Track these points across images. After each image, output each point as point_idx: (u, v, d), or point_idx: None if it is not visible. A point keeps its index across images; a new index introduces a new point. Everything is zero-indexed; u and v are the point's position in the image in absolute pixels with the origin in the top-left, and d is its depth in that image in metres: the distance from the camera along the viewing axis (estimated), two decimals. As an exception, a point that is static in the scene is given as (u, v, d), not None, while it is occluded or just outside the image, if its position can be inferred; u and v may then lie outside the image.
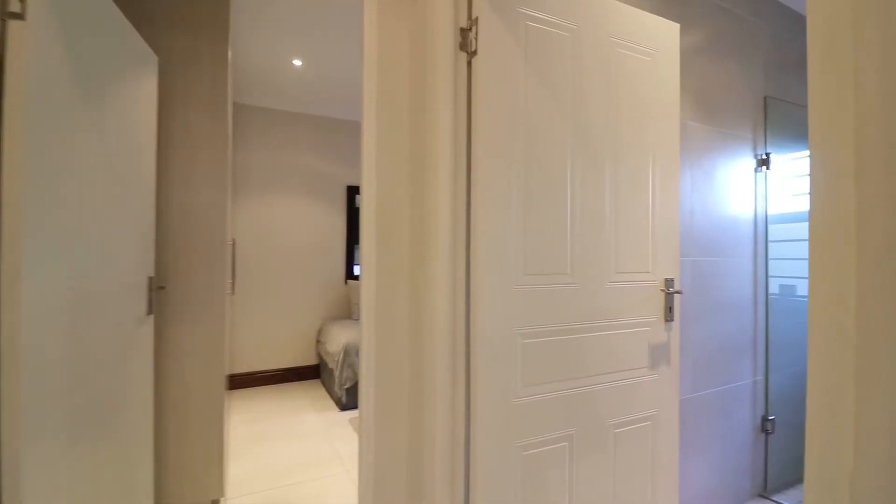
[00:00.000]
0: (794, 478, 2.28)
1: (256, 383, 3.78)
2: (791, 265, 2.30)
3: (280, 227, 3.95)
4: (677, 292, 1.42)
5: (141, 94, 1.47)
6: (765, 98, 2.18)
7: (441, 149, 1.16)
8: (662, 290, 1.44)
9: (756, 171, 2.16)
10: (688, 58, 1.88)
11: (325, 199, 4.14)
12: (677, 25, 1.49)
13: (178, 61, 1.88)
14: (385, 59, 1.25)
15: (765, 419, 2.17)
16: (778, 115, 2.22)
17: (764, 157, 2.17)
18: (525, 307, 1.19)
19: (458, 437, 1.15)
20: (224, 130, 1.94)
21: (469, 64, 1.18)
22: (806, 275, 2.39)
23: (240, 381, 3.73)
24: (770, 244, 2.23)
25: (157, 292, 1.77)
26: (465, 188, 1.17)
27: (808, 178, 2.57)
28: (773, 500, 2.10)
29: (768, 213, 2.20)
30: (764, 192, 2.18)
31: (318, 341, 3.95)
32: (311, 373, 3.99)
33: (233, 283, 2.66)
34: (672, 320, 1.46)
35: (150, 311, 1.57)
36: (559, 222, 1.25)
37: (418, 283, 1.23)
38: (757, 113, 2.16)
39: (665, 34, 1.46)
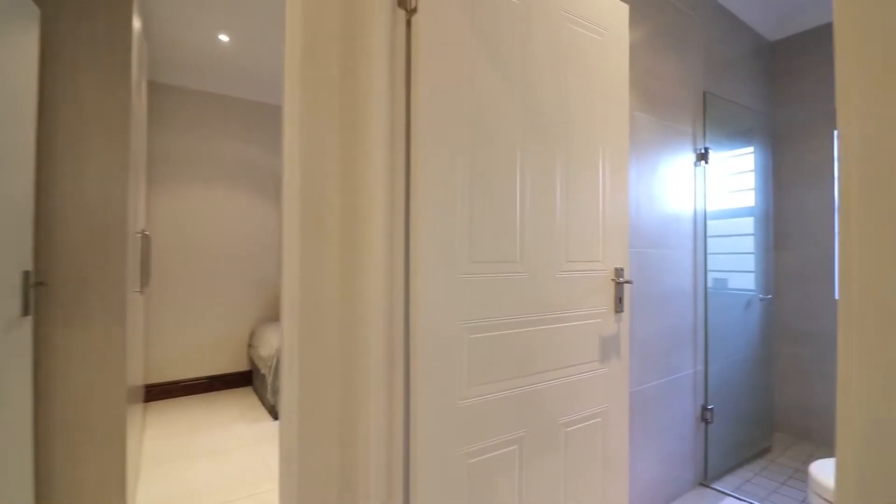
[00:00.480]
0: (732, 464, 2.35)
1: (179, 393, 3.41)
2: (723, 259, 2.37)
3: (207, 221, 3.59)
4: (627, 282, 1.37)
5: (16, 50, 1.20)
6: (704, 93, 2.23)
7: (376, 120, 1.02)
8: (613, 280, 1.38)
9: (695, 165, 2.20)
10: (632, 48, 1.85)
11: (258, 191, 3.83)
12: (626, 6, 1.44)
13: (67, 19, 1.58)
14: (311, 15, 1.08)
15: (704, 408, 2.21)
16: (715, 112, 2.28)
17: (702, 151, 2.21)
18: (472, 298, 1.07)
19: (396, 449, 1.01)
20: (125, 107, 1.66)
21: (408, 24, 1.04)
22: (737, 268, 2.49)
23: (159, 392, 3.34)
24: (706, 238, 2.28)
25: (37, 289, 1.48)
26: (404, 167, 1.03)
27: (747, 175, 2.72)
28: (713, 488, 2.14)
29: (707, 206, 2.25)
30: (703, 186, 2.23)
31: (249, 345, 3.64)
32: (241, 380, 3.67)
33: (144, 281, 2.34)
34: (622, 311, 1.41)
35: (26, 312, 1.29)
36: (508, 206, 1.14)
37: (350, 275, 1.08)
38: (696, 107, 2.19)
39: (615, 14, 1.41)
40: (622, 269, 1.40)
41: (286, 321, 1.02)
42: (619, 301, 1.40)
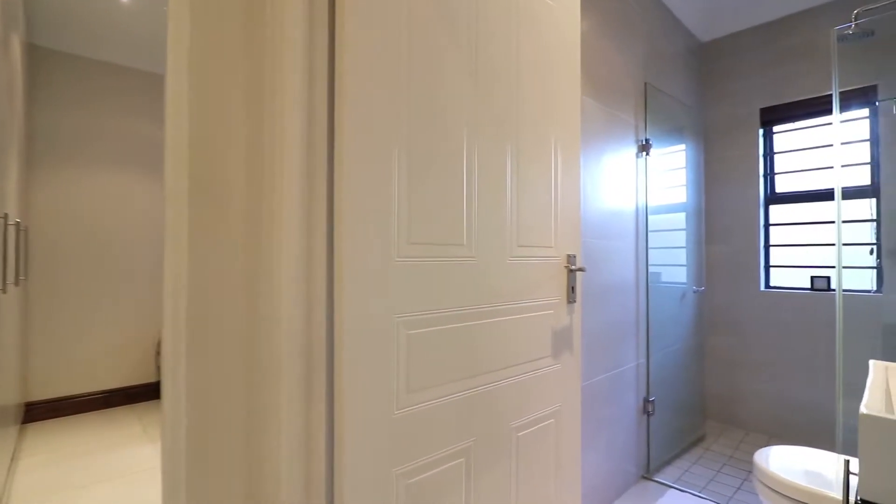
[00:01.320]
0: (671, 455, 2.37)
1: (69, 411, 2.90)
2: (659, 253, 2.38)
3: (105, 210, 3.10)
4: (580, 269, 1.27)
5: None
6: (645, 84, 2.22)
7: (290, 75, 0.81)
8: (566, 267, 1.27)
9: (637, 156, 2.18)
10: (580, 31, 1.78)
11: (171, 179, 3.38)
12: (578, -26, 1.34)
13: None
14: (208, -69, 0.85)
15: (646, 401, 2.20)
16: (656, 104, 2.29)
17: (644, 142, 2.20)
18: (411, 287, 0.90)
19: (316, 475, 0.81)
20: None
21: (332, -49, 0.84)
22: (672, 262, 2.53)
23: (44, 411, 2.83)
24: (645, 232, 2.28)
25: None
26: (326, 131, 0.83)
27: (680, 172, 2.79)
28: (656, 481, 2.13)
29: (648, 198, 2.24)
30: (644, 178, 2.22)
31: (157, 353, 3.19)
32: (148, 393, 3.21)
33: (18, 278, 1.92)
34: (574, 301, 1.31)
35: None
36: (454, 181, 0.98)
37: (256, 261, 0.86)
38: (638, 98, 2.18)
39: (566, -20, 1.30)
40: (574, 256, 1.30)
41: (168, 321, 0.78)
42: (571, 291, 1.29)
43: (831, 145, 2.44)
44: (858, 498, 0.63)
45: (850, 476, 0.90)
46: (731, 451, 2.46)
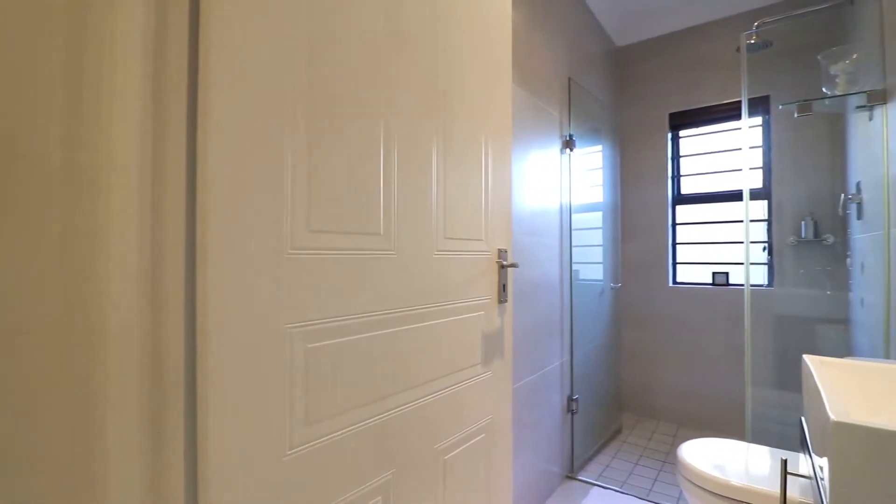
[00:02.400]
0: (592, 452, 2.38)
1: None
2: (579, 251, 2.38)
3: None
4: (513, 265, 1.14)
5: None
6: (569, 79, 2.20)
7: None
8: (498, 263, 1.14)
9: (562, 152, 2.15)
10: (509, 10, 1.68)
11: None
12: (509, -59, 1.22)
13: None
14: None
15: (570, 399, 2.18)
16: (578, 101, 2.27)
17: (568, 138, 2.18)
18: (310, 287, 0.69)
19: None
20: None
21: None
22: (589, 260, 2.56)
23: None
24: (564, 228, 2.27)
25: None
26: (188, 65, 0.60)
27: (597, 172, 2.84)
28: (580, 479, 2.11)
29: (571, 196, 2.22)
30: (568, 175, 2.20)
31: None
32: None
33: None
34: (506, 301, 1.18)
35: None
36: (369, 155, 0.79)
37: (78, 257, 0.60)
38: (563, 92, 2.15)
39: (497, -56, 1.17)
40: (506, 251, 1.17)
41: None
42: (502, 289, 1.16)
43: (733, 150, 2.62)
44: (829, 517, 0.55)
45: (788, 476, 0.87)
46: (646, 441, 2.54)
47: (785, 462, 0.87)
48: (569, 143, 2.17)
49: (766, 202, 2.45)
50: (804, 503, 0.84)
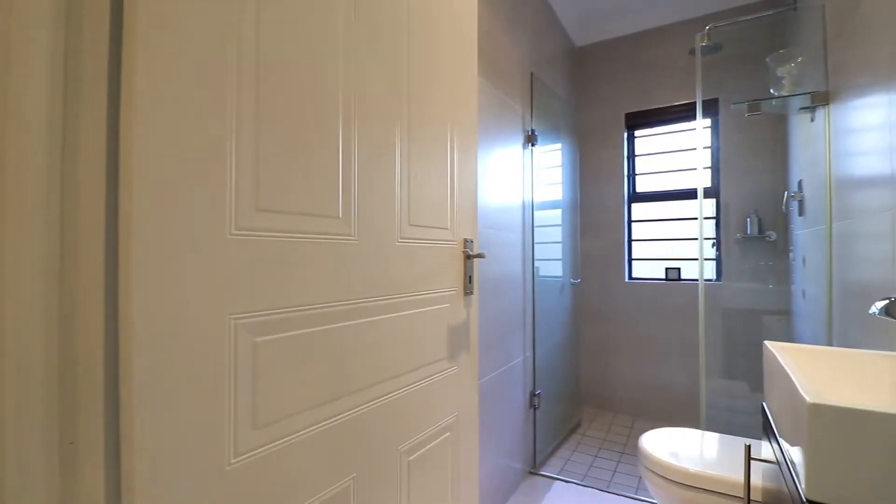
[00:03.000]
0: (553, 446, 2.39)
1: None
2: (540, 247, 2.39)
3: None
4: (479, 255, 1.10)
5: None
6: (531, 74, 2.19)
7: None
8: (464, 253, 1.09)
9: (524, 147, 2.14)
10: None
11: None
12: (475, -80, 1.17)
13: None
14: None
15: (532, 394, 2.17)
16: (540, 97, 2.28)
17: (531, 133, 2.17)
18: (259, 273, 0.61)
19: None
20: None
21: None
22: (550, 256, 2.58)
23: None
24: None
25: None
26: (109, 21, 0.51)
27: (557, 170, 2.86)
28: (542, 475, 2.11)
29: (534, 192, 2.22)
30: (531, 170, 2.19)
31: None
32: None
33: None
34: (472, 293, 1.14)
35: None
36: (323, 134, 0.72)
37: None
38: (525, 86, 2.14)
39: (463, -79, 1.12)
40: (472, 242, 1.13)
41: None
42: (468, 280, 1.11)
43: (685, 150, 2.72)
44: (805, 498, 0.54)
45: (752, 462, 0.88)
46: (604, 434, 2.59)
47: (749, 448, 0.88)
48: (531, 138, 2.16)
49: (714, 200, 2.56)
50: (768, 487, 0.85)
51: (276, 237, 0.64)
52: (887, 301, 0.66)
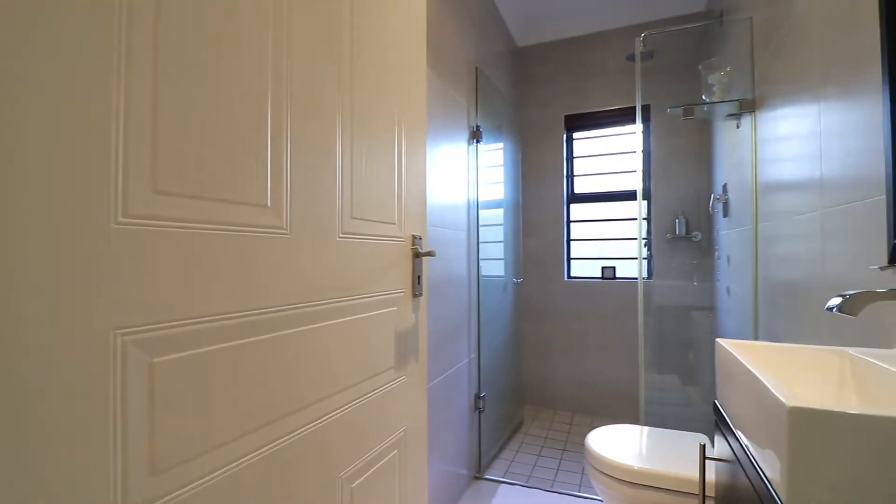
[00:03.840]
0: (497, 448, 2.35)
1: None
2: (483, 247, 2.35)
3: None
4: (429, 254, 1.01)
5: None
6: (476, 69, 2.14)
7: None
8: (413, 250, 0.99)
9: (469, 143, 2.09)
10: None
11: None
12: None
13: None
14: None
15: (477, 397, 2.12)
16: (485, 94, 2.23)
17: (476, 129, 2.12)
18: (157, 274, 0.48)
19: None
20: None
21: None
22: (493, 256, 2.56)
23: None
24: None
25: None
26: None
27: (498, 169, 2.85)
28: (487, 479, 2.06)
29: (479, 190, 2.17)
30: (476, 167, 2.14)
31: None
32: None
33: None
34: (421, 295, 1.04)
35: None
36: (247, 104, 0.59)
37: None
38: (470, 81, 2.08)
39: None
40: (421, 238, 1.04)
41: None
42: (417, 281, 1.02)
43: (620, 153, 2.82)
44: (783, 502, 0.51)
45: (707, 461, 0.87)
46: (546, 432, 2.61)
47: (703, 447, 0.87)
48: (476, 135, 2.11)
49: (646, 202, 2.68)
50: (722, 484, 0.85)
51: (182, 228, 0.50)
52: (841, 299, 0.66)
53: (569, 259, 2.98)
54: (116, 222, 0.44)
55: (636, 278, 2.69)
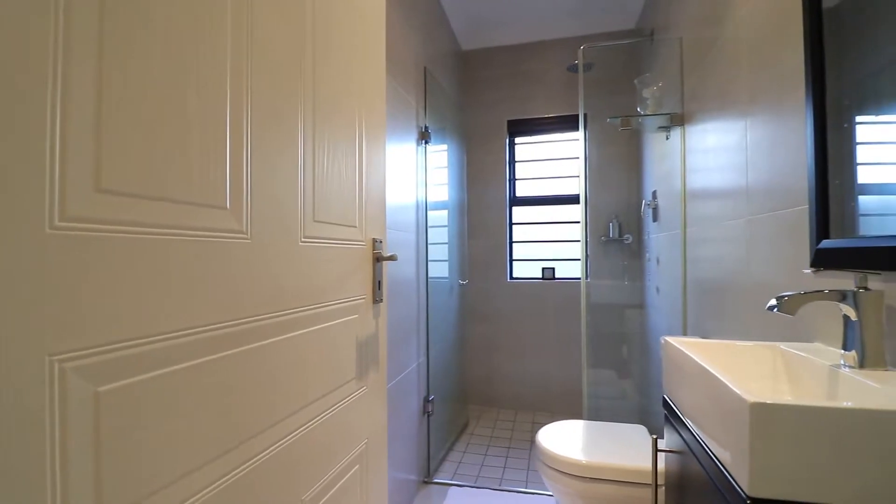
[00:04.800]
0: (445, 451, 2.35)
1: None
2: (430, 249, 2.34)
3: None
4: (391, 258, 0.97)
5: None
6: (425, 68, 2.12)
7: None
8: (375, 254, 0.95)
9: (417, 143, 2.06)
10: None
11: None
12: None
13: None
14: None
15: (426, 401, 2.11)
16: (432, 94, 2.22)
17: (424, 129, 2.10)
18: (100, 287, 0.40)
19: None
20: None
21: None
22: (440, 257, 2.56)
23: None
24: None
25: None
26: None
27: (445, 171, 2.85)
28: (436, 482, 2.05)
29: (427, 191, 2.15)
30: (424, 167, 2.12)
31: None
32: None
33: None
34: (381, 301, 1.00)
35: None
36: (205, 95, 0.53)
37: None
38: (419, 80, 2.06)
39: None
40: (381, 242, 1.00)
41: None
42: (378, 286, 0.98)
43: (560, 158, 2.95)
44: (747, 497, 0.55)
45: (658, 454, 0.92)
46: (491, 431, 2.65)
47: (656, 440, 0.92)
48: (424, 136, 2.09)
49: (582, 205, 2.82)
50: (672, 473, 0.90)
51: (131, 233, 0.43)
52: (777, 300, 0.73)
53: (511, 261, 3.06)
54: (52, 227, 0.37)
55: (576, 279, 2.83)
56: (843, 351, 0.71)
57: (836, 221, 0.81)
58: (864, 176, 0.77)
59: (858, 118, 0.78)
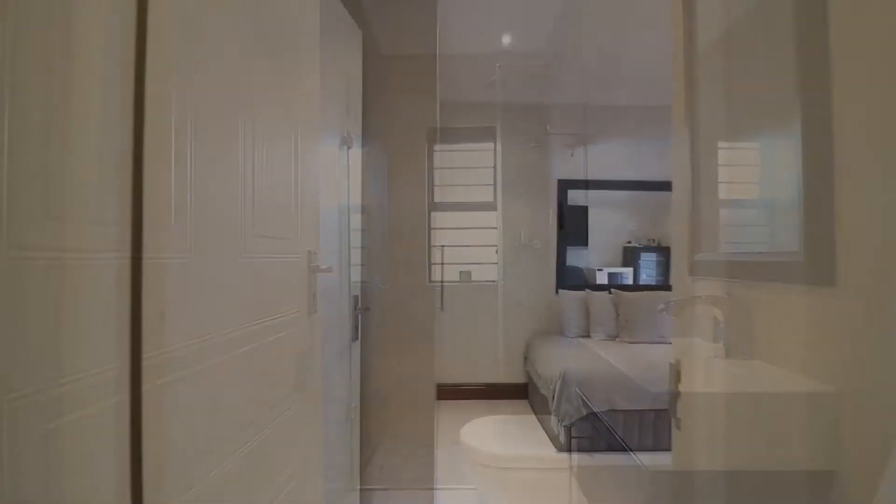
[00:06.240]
0: (369, 455, 2.34)
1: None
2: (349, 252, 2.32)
3: None
4: (327, 270, 0.98)
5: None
6: (348, 72, 2.10)
7: None
8: (312, 267, 0.95)
9: (341, 147, 2.04)
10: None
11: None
12: None
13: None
14: None
15: (351, 408, 2.08)
16: (355, 99, 2.20)
17: (348, 134, 2.08)
18: (21, 323, 0.38)
19: None
20: None
21: None
22: (361, 262, 2.54)
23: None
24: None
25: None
26: None
27: (368, 174, 2.82)
28: (365, 489, 2.04)
29: (350, 195, 2.13)
30: (347, 171, 2.10)
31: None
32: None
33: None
34: (316, 312, 1.00)
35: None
36: (148, 122, 0.50)
37: None
38: (342, 85, 2.03)
39: None
40: (315, 253, 0.99)
41: None
42: (313, 298, 0.97)
43: (478, 167, 3.08)
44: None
45: (572, 440, 1.04)
46: (413, 430, 2.69)
47: (570, 428, 1.04)
48: (348, 140, 2.07)
49: (497, 212, 2.99)
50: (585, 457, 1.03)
51: (42, 259, 0.40)
52: (665, 304, 0.88)
53: (430, 265, 3.13)
54: (-11, 258, 0.34)
55: (489, 280, 2.99)
56: (714, 344, 0.88)
57: (706, 237, 0.98)
58: (724, 194, 0.94)
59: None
